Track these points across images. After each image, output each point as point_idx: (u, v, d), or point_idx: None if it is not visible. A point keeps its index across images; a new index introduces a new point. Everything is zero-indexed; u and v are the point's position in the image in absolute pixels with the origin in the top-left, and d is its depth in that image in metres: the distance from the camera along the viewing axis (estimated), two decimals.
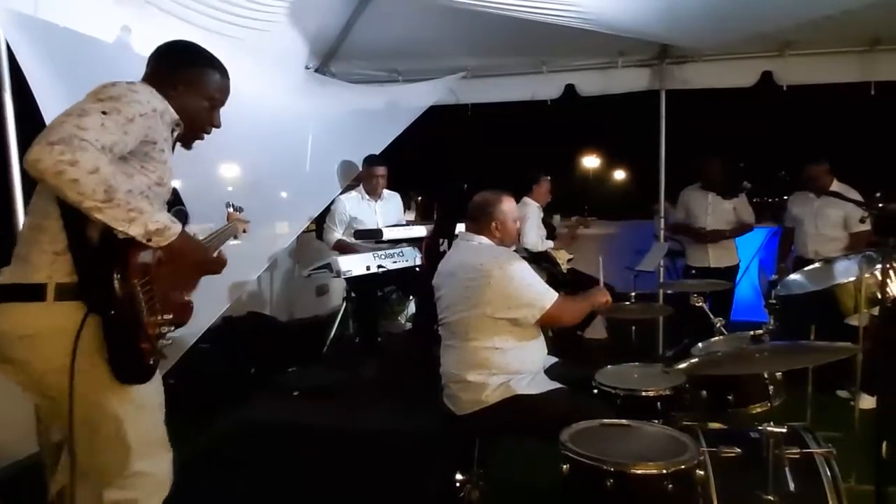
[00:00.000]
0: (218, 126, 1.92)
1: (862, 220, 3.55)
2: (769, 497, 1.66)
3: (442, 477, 2.49)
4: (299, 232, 4.31)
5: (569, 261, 4.85)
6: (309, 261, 5.12)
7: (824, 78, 4.78)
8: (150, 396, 1.69)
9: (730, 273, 4.79)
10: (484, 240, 2.53)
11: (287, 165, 4.40)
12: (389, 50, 4.89)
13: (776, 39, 4.60)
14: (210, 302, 3.27)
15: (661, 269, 5.12)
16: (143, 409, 1.66)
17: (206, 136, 1.92)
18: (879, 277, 2.95)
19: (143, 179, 1.65)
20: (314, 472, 2.99)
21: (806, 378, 3.32)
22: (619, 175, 23.27)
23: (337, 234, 4.63)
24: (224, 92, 1.91)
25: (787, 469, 1.63)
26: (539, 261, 4.78)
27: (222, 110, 1.93)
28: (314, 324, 5.19)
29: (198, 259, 1.76)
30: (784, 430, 1.67)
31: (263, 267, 3.82)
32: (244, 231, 2.35)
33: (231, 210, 2.37)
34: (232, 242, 2.36)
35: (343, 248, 4.49)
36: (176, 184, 1.88)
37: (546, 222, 5.23)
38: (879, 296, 3.01)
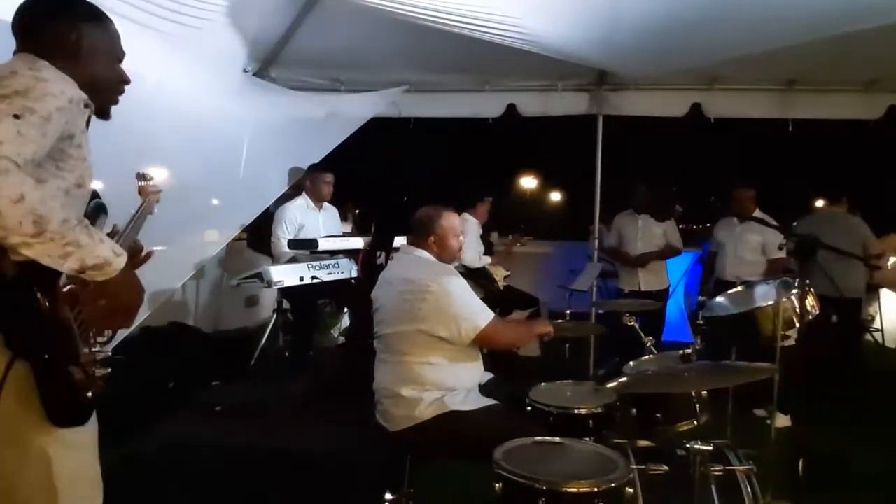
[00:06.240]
0: (128, 81, 1.62)
1: (780, 247, 3.78)
2: None
3: (371, 497, 2.40)
4: (229, 240, 4.11)
5: (505, 277, 4.89)
6: (238, 270, 4.88)
7: (747, 112, 5.11)
8: (82, 433, 1.43)
9: (659, 296, 4.93)
10: (424, 254, 2.49)
11: (219, 170, 4.20)
12: (332, 59, 4.81)
13: (705, 74, 4.87)
14: None
15: (594, 289, 5.24)
16: (72, 447, 1.42)
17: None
18: (796, 302, 3.14)
19: (59, 183, 1.38)
20: (235, 496, 2.82)
21: (726, 397, 3.49)
22: (557, 196, 23.91)
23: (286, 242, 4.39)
24: (120, 39, 1.60)
25: (713, 486, 1.66)
26: (476, 277, 4.78)
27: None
28: (242, 336, 4.97)
29: (130, 304, 1.43)
30: (710, 449, 1.70)
31: (188, 275, 3.61)
32: (157, 201, 2.04)
33: (143, 182, 2.03)
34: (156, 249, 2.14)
35: None
36: (97, 185, 1.67)
37: (484, 239, 5.25)
38: (795, 320, 3.21)
